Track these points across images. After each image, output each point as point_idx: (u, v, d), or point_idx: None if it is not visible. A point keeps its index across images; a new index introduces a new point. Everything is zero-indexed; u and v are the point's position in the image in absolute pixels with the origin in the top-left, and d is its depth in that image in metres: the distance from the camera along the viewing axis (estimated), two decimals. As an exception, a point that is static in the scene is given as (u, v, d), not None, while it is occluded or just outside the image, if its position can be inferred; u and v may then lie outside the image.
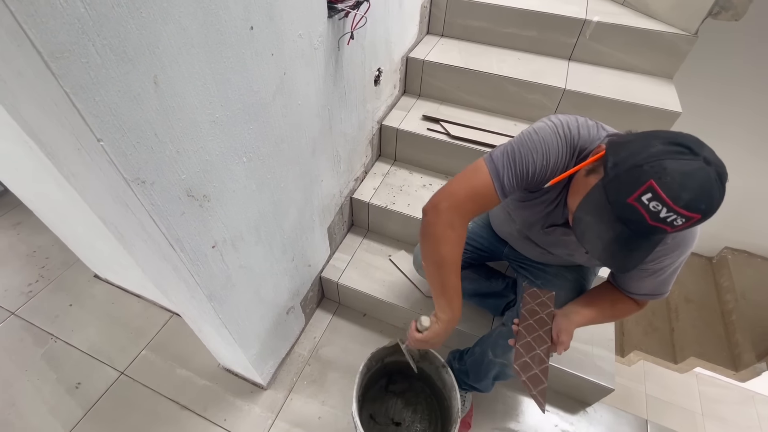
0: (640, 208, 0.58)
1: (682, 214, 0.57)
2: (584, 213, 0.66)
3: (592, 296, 0.95)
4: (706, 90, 1.96)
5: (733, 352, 2.38)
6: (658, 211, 0.57)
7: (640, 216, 0.59)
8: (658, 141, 0.60)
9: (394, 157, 1.75)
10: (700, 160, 0.57)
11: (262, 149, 0.89)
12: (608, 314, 0.92)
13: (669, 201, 0.56)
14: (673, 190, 0.56)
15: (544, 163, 0.77)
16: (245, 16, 0.70)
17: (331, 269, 1.55)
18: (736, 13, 1.41)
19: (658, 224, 0.58)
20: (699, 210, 0.57)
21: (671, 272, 0.82)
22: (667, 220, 0.58)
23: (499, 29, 1.74)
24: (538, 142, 0.77)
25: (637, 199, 0.58)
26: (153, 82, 0.58)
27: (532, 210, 0.91)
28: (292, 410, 1.34)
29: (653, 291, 0.85)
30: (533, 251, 1.06)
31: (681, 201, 0.56)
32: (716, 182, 0.57)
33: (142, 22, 0.53)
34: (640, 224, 0.60)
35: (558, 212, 0.87)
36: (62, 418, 1.33)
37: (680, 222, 0.58)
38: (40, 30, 0.43)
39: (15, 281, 1.71)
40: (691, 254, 2.80)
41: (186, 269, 0.80)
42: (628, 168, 0.60)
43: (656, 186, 0.57)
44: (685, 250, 0.78)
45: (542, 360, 0.88)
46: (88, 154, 0.58)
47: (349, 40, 1.08)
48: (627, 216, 0.61)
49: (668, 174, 0.56)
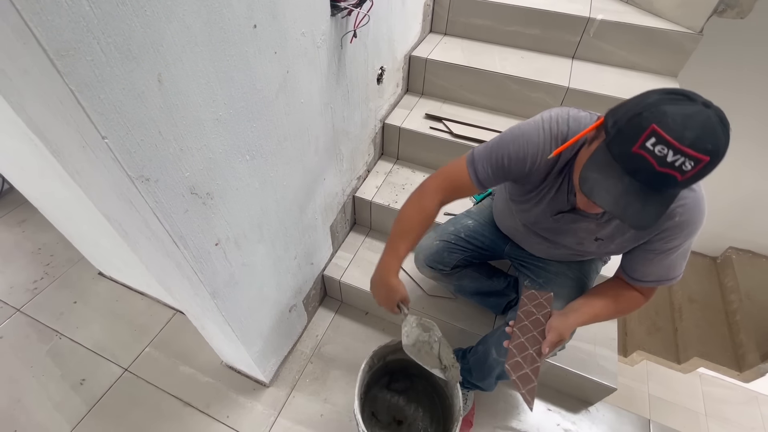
0: (646, 155, 0.57)
1: (689, 155, 0.55)
2: (590, 171, 0.65)
3: (592, 294, 0.93)
4: (711, 88, 1.93)
5: (737, 352, 2.36)
6: (665, 155, 0.56)
7: (648, 164, 0.58)
8: (655, 93, 0.61)
9: (396, 156, 1.75)
10: (699, 104, 0.57)
11: (265, 147, 0.89)
12: (612, 310, 0.90)
13: (674, 141, 0.55)
14: (676, 131, 0.55)
15: (520, 155, 0.81)
16: (249, 14, 0.70)
17: (334, 267, 1.55)
18: (742, 10, 1.40)
19: (667, 170, 0.57)
20: (706, 150, 0.55)
21: (679, 255, 0.80)
22: (676, 164, 0.56)
23: (503, 27, 1.73)
24: (519, 135, 0.82)
25: (641, 146, 0.57)
26: (157, 80, 0.58)
27: (538, 207, 0.91)
28: (295, 408, 1.35)
29: (661, 277, 0.83)
30: (538, 246, 1.04)
31: (686, 140, 0.55)
32: (719, 124, 0.56)
33: (146, 21, 0.53)
34: (649, 173, 0.58)
35: (562, 198, 0.86)
36: (67, 414, 1.34)
37: (689, 166, 0.56)
38: (45, 28, 0.43)
39: (20, 278, 1.72)
40: (695, 254, 2.79)
41: (189, 266, 0.81)
42: (628, 119, 0.60)
43: (658, 129, 0.56)
44: (694, 230, 0.77)
45: (534, 360, 0.88)
46: (93, 152, 0.59)
47: (351, 39, 1.08)
48: (634, 166, 0.59)
49: (669, 116, 0.56)
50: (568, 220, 0.89)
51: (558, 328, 0.86)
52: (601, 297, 0.91)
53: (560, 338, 0.86)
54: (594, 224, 0.86)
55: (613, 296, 0.90)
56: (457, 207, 1.32)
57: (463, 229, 1.20)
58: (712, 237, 2.63)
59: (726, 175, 2.26)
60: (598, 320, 0.91)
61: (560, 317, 0.88)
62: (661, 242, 0.79)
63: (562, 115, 0.80)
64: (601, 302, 0.90)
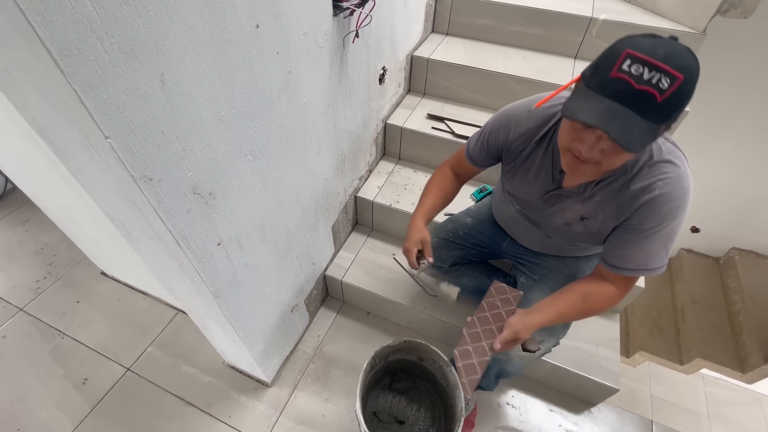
0: (624, 76, 0.60)
1: (664, 70, 0.58)
2: (571, 102, 0.67)
3: (561, 293, 0.90)
4: (714, 88, 1.94)
5: (740, 353, 2.35)
6: (641, 73, 0.59)
7: (626, 84, 0.60)
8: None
9: (398, 156, 1.75)
10: (666, 38, 0.61)
11: (267, 147, 0.89)
12: (579, 309, 0.87)
13: (647, 58, 0.59)
14: (648, 50, 0.59)
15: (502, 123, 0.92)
16: (251, 14, 0.71)
17: (336, 267, 1.55)
18: (745, 10, 1.39)
19: (645, 87, 0.59)
20: (678, 66, 0.58)
21: (660, 241, 0.78)
22: (653, 81, 0.59)
23: (505, 27, 1.73)
24: (502, 110, 0.94)
25: (618, 69, 0.61)
26: (160, 80, 0.58)
27: (523, 181, 0.94)
28: (296, 407, 1.35)
29: (639, 265, 0.80)
30: (532, 236, 1.05)
31: (658, 55, 0.58)
32: (686, 50, 0.60)
33: (149, 21, 0.53)
34: (628, 93, 0.61)
35: (548, 176, 0.88)
36: (69, 413, 1.35)
37: (665, 83, 0.58)
38: (49, 28, 0.44)
39: (23, 278, 1.73)
40: (698, 254, 2.78)
41: (192, 266, 0.81)
42: (602, 54, 0.64)
43: (632, 51, 0.60)
44: (675, 209, 0.75)
45: (484, 352, 0.89)
46: (96, 152, 0.59)
47: (354, 39, 1.08)
48: (614, 89, 0.62)
49: (639, 41, 0.61)
50: (555, 200, 0.90)
51: (515, 326, 0.85)
52: (568, 296, 0.88)
53: (516, 337, 0.85)
54: (579, 203, 0.86)
55: (581, 294, 0.87)
56: (456, 207, 1.32)
57: (462, 227, 1.22)
58: (715, 237, 2.62)
59: (729, 175, 2.25)
60: (564, 320, 0.90)
61: (521, 316, 0.87)
62: (639, 219, 0.77)
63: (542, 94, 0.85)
64: (567, 301, 0.88)
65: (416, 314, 1.45)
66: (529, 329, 0.85)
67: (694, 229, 2.64)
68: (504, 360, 1.04)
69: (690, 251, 2.78)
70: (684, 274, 2.69)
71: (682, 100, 0.60)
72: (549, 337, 0.98)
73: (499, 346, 0.85)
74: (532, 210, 0.98)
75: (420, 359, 1.21)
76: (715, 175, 2.28)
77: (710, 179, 2.30)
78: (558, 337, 1.00)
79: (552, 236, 1.00)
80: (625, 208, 0.79)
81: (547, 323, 0.87)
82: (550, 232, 0.99)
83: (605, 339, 1.37)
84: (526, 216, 1.01)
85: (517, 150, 0.91)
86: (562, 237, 0.97)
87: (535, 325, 0.86)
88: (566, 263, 1.07)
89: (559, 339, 1.00)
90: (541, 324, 0.86)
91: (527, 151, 0.89)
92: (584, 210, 0.86)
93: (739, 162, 2.19)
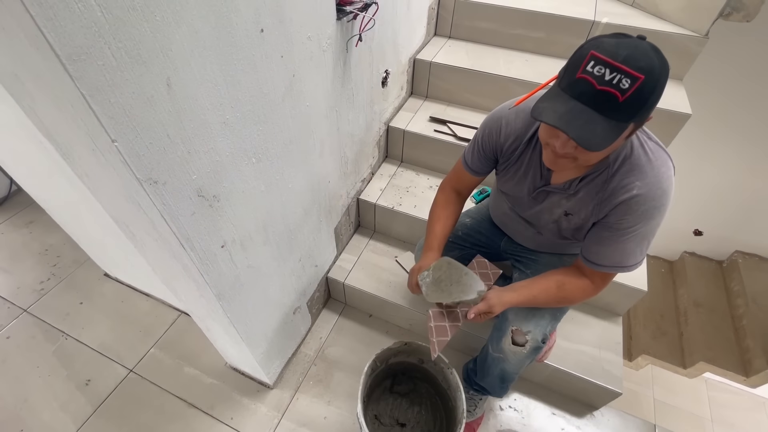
0: (587, 77, 0.63)
1: (624, 72, 0.60)
2: (541, 102, 0.70)
3: (538, 278, 0.95)
4: (717, 92, 1.93)
5: (744, 357, 2.34)
6: (603, 74, 0.61)
7: (589, 85, 0.63)
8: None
9: (400, 159, 1.76)
10: (633, 37, 0.64)
11: (270, 150, 0.90)
12: (552, 295, 0.91)
13: (608, 59, 0.61)
14: (610, 51, 0.61)
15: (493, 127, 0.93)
16: (256, 18, 0.71)
17: (338, 270, 1.55)
18: (748, 14, 1.39)
19: (606, 88, 0.62)
20: (638, 67, 0.60)
21: (636, 241, 0.80)
22: (613, 82, 0.61)
23: (507, 31, 1.74)
24: (494, 119, 0.94)
25: (583, 71, 0.63)
26: (166, 84, 0.59)
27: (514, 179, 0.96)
28: (298, 410, 1.35)
29: (615, 262, 0.84)
30: (526, 233, 1.08)
31: (619, 57, 0.60)
32: (651, 50, 0.62)
33: (155, 25, 0.54)
34: (591, 93, 0.63)
35: (537, 174, 0.91)
36: (72, 414, 1.35)
37: (626, 84, 0.60)
38: (58, 33, 0.44)
39: (27, 279, 1.74)
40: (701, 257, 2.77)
41: (196, 268, 0.81)
42: (573, 55, 0.67)
43: (596, 52, 0.62)
44: (652, 211, 0.77)
45: (456, 318, 0.94)
46: (102, 155, 0.60)
47: (357, 42, 1.09)
48: (578, 90, 0.64)
49: (604, 43, 0.63)
50: (543, 196, 0.93)
51: (491, 300, 0.90)
52: (544, 282, 0.93)
53: (489, 309, 0.90)
54: (565, 198, 0.89)
55: (557, 282, 0.92)
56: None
57: (461, 227, 1.24)
58: (718, 240, 2.61)
59: (732, 177, 2.25)
60: (537, 304, 0.94)
61: (497, 292, 0.92)
62: (616, 217, 0.80)
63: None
64: (542, 286, 0.92)
65: (418, 317, 1.46)
66: (503, 305, 0.91)
67: (697, 232, 2.63)
68: (501, 358, 1.04)
69: (693, 254, 2.77)
70: (687, 277, 2.68)
71: (646, 99, 0.62)
72: (535, 328, 0.99)
73: (473, 315, 0.89)
74: (522, 207, 1.00)
75: (421, 361, 1.21)
76: (718, 177, 2.27)
77: (713, 182, 2.29)
78: (545, 329, 1.00)
79: (543, 233, 1.02)
80: (605, 204, 0.81)
81: (521, 303, 0.92)
82: (541, 228, 1.01)
83: (608, 342, 1.36)
84: (518, 214, 1.04)
85: (509, 150, 0.93)
86: (552, 234, 1.00)
87: (509, 303, 0.91)
88: (562, 260, 1.09)
89: (546, 332, 1.01)
90: (515, 303, 0.92)
91: (519, 151, 0.91)
92: (568, 206, 0.89)
93: (743, 165, 2.18)
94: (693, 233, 2.64)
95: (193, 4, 0.58)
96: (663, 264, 2.90)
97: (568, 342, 1.35)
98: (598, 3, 1.70)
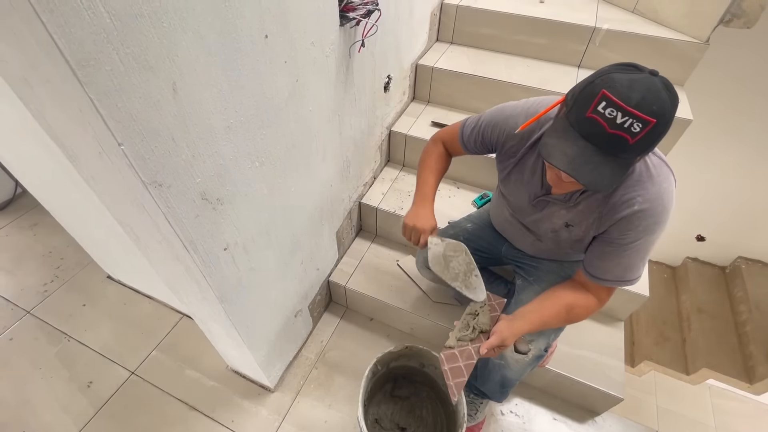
0: (598, 118, 0.62)
1: (636, 116, 0.60)
2: (549, 137, 0.69)
3: (546, 302, 0.92)
4: (718, 98, 1.94)
5: (747, 364, 2.32)
6: (614, 117, 0.61)
7: (600, 127, 0.62)
8: (607, 66, 0.67)
9: (402, 163, 1.76)
10: (645, 73, 0.62)
11: (273, 154, 0.91)
12: (562, 319, 0.90)
13: (621, 103, 0.60)
14: (623, 94, 0.60)
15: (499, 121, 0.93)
16: (260, 25, 0.72)
17: (339, 273, 1.56)
18: (748, 20, 1.40)
19: (617, 131, 0.61)
20: (651, 111, 0.59)
21: (636, 254, 0.80)
22: (625, 126, 0.61)
23: (508, 37, 1.75)
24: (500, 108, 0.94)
25: (593, 110, 0.63)
26: (172, 88, 0.60)
27: (516, 184, 0.96)
28: (299, 413, 1.35)
29: (618, 277, 0.84)
30: (525, 240, 1.08)
31: (632, 101, 0.60)
32: (664, 89, 0.61)
33: (162, 32, 0.55)
34: (601, 135, 0.63)
35: (537, 182, 0.91)
36: (74, 415, 1.36)
37: (637, 128, 0.60)
38: (68, 40, 0.45)
39: (31, 281, 1.75)
40: (704, 263, 2.76)
41: (198, 271, 0.82)
42: (582, 88, 0.66)
43: (608, 93, 0.61)
44: (654, 225, 0.77)
45: (470, 356, 0.90)
46: (109, 158, 0.61)
47: (359, 48, 1.10)
48: (588, 130, 0.64)
49: (616, 82, 0.62)
50: (543, 205, 0.92)
51: (502, 333, 0.87)
52: (554, 306, 0.90)
53: (502, 343, 0.86)
54: (564, 209, 0.88)
55: (567, 307, 0.89)
56: (458, 213, 1.33)
57: (462, 232, 1.24)
58: (720, 246, 2.60)
59: (735, 183, 2.25)
60: (547, 327, 0.92)
61: (507, 322, 0.89)
62: (618, 232, 0.80)
63: (542, 98, 0.89)
64: (551, 311, 0.90)
65: (419, 320, 1.46)
66: (515, 336, 0.88)
67: (700, 238, 2.63)
68: (502, 365, 1.04)
69: (696, 260, 2.76)
70: (689, 283, 2.67)
71: (655, 140, 0.63)
72: (539, 337, 0.99)
73: (485, 351, 0.87)
74: (522, 214, 1.00)
75: (422, 365, 1.21)
76: (721, 183, 2.27)
77: (715, 188, 2.29)
78: (548, 338, 1.00)
79: (543, 240, 1.02)
80: (606, 218, 0.81)
81: (531, 330, 0.89)
82: (541, 236, 1.01)
83: (609, 347, 1.36)
84: (518, 220, 1.04)
85: (511, 150, 0.93)
86: (551, 242, 1.00)
87: (521, 332, 0.88)
88: (563, 266, 1.08)
89: (549, 341, 1.01)
90: (527, 331, 0.89)
91: (521, 153, 0.91)
92: (569, 217, 0.89)
93: (745, 171, 2.18)
94: (696, 239, 2.64)
95: (200, 10, 0.59)
96: (665, 270, 2.89)
97: (570, 347, 1.35)
98: (598, 9, 1.71)
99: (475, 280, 0.95)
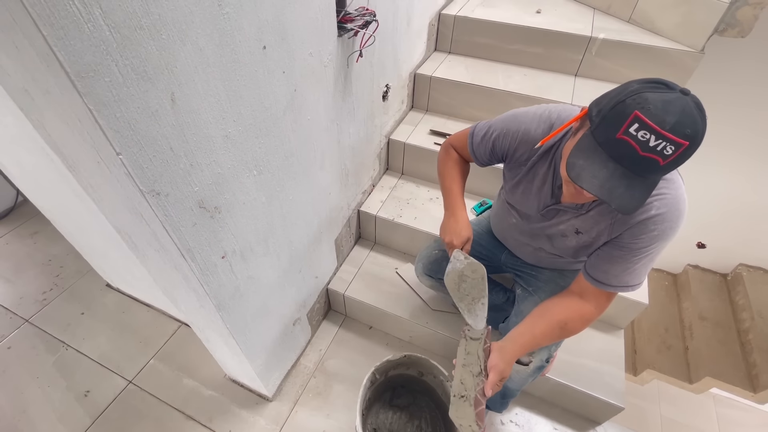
0: (630, 140, 0.60)
1: (670, 140, 0.58)
2: (576, 158, 0.67)
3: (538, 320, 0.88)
4: (713, 107, 1.93)
5: (751, 372, 2.30)
6: (647, 140, 0.59)
7: (631, 149, 0.60)
8: (635, 82, 0.64)
9: (401, 171, 1.77)
10: (677, 92, 0.60)
11: (272, 163, 0.91)
12: (556, 336, 0.87)
13: (656, 126, 0.58)
14: (657, 117, 0.58)
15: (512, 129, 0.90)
16: (258, 36, 0.74)
17: (338, 281, 1.56)
18: (742, 30, 1.42)
19: (650, 154, 0.60)
20: (685, 135, 0.58)
21: (644, 260, 0.79)
22: (657, 149, 0.59)
23: (506, 46, 1.77)
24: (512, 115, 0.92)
25: (625, 132, 0.60)
26: (170, 99, 0.61)
27: (525, 193, 0.94)
28: (297, 423, 1.34)
29: (622, 282, 0.82)
30: (526, 249, 1.07)
31: (667, 125, 0.58)
32: (696, 109, 0.59)
33: (161, 44, 0.56)
34: (633, 158, 0.61)
35: (548, 191, 0.89)
36: (71, 425, 1.35)
37: (670, 151, 0.59)
38: (68, 51, 0.46)
39: (30, 289, 1.75)
40: (705, 270, 2.74)
41: (196, 279, 0.82)
42: (612, 107, 0.63)
43: (641, 115, 0.59)
44: (667, 232, 0.75)
45: (478, 402, 0.84)
46: (107, 167, 0.61)
47: (357, 58, 1.11)
48: (619, 152, 0.62)
49: (650, 103, 0.59)
50: (553, 214, 0.91)
51: (498, 367, 0.83)
52: (546, 324, 0.86)
53: (501, 376, 0.83)
54: (575, 217, 0.88)
55: (560, 323, 0.85)
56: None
57: None
58: (721, 253, 2.59)
59: (735, 191, 2.25)
60: (540, 347, 0.89)
61: (498, 353, 0.85)
62: (630, 237, 0.78)
63: (553, 107, 0.87)
64: (543, 329, 0.86)
65: (418, 329, 1.45)
66: (510, 363, 0.85)
67: (700, 245, 2.62)
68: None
69: (696, 267, 2.75)
70: (691, 290, 2.66)
71: (684, 160, 0.61)
72: (540, 349, 0.98)
73: (491, 392, 0.83)
74: (530, 222, 0.99)
75: (420, 374, 1.20)
76: (721, 191, 2.27)
77: (716, 195, 2.29)
78: (549, 350, 0.99)
79: (545, 248, 1.01)
80: (620, 224, 0.80)
81: (523, 353, 0.86)
82: (543, 245, 1.00)
83: (610, 356, 1.35)
84: (522, 228, 1.03)
85: (522, 158, 0.91)
86: (554, 249, 0.99)
87: (515, 357, 0.85)
88: (564, 275, 1.08)
89: (551, 352, 1.00)
90: (520, 354, 0.86)
91: (532, 162, 0.89)
92: (579, 224, 0.88)
93: (745, 177, 2.19)
94: (696, 246, 2.63)
95: (198, 23, 0.61)
96: (666, 277, 2.88)
97: (570, 355, 1.34)
98: (594, 19, 1.74)
99: (480, 308, 0.93)
